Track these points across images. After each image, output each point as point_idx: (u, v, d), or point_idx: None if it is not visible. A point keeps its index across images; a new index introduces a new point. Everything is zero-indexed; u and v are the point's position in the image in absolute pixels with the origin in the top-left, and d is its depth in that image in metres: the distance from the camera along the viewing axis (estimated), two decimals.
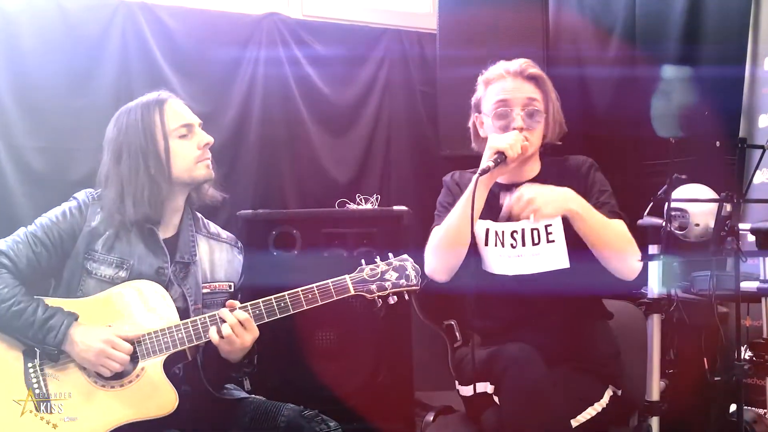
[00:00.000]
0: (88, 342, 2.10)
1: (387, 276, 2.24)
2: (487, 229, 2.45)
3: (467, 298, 2.53)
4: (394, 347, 3.38)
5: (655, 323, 2.90)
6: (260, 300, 2.19)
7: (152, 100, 2.32)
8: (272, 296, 2.19)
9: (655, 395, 2.85)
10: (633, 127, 4.19)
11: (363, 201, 3.74)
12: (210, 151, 2.37)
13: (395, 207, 3.51)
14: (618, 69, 4.37)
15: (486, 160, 2.28)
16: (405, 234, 3.34)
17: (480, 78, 2.51)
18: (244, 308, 2.18)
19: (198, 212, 2.48)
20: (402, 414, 3.39)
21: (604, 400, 2.31)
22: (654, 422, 2.86)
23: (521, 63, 2.45)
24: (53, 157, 3.78)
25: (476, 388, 2.29)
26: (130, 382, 2.15)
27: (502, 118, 2.39)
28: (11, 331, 2.12)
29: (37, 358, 2.12)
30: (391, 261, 2.26)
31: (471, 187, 2.24)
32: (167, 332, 2.16)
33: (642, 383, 2.78)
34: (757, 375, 2.84)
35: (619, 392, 2.39)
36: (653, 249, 2.97)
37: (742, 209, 3.14)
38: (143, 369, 2.15)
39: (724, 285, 3.01)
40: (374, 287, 2.22)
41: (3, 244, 2.21)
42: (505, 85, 2.41)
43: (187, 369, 2.27)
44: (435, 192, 2.63)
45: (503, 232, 2.43)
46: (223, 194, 2.48)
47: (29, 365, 2.13)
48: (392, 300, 2.24)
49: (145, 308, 2.19)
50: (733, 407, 2.92)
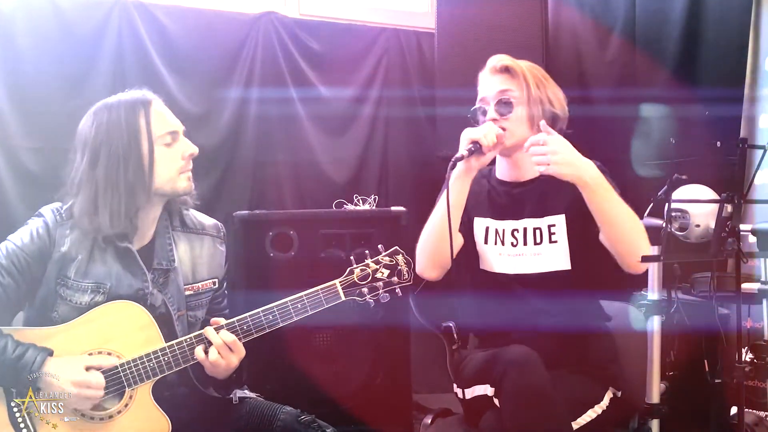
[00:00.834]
0: (64, 376, 2.00)
1: (378, 275, 2.15)
2: (487, 227, 2.43)
3: (465, 297, 2.51)
4: (392, 349, 3.37)
5: (656, 325, 2.90)
6: (247, 314, 2.10)
7: (136, 100, 2.15)
8: (260, 309, 2.11)
9: (655, 397, 2.87)
10: (633, 127, 4.20)
11: (361, 201, 3.74)
12: (193, 161, 2.25)
13: (393, 207, 3.51)
14: (618, 68, 4.38)
15: (461, 150, 2.27)
16: (403, 235, 3.32)
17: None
18: (231, 326, 2.09)
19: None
20: (400, 417, 3.38)
21: (604, 403, 2.29)
22: (654, 425, 2.87)
23: (496, 58, 2.45)
24: (48, 158, 3.75)
25: (475, 391, 2.27)
26: (119, 413, 2.07)
27: (481, 115, 2.41)
28: None
29: (17, 396, 2.02)
30: (381, 258, 2.17)
31: (450, 182, 2.23)
32: (153, 357, 2.06)
33: (642, 385, 2.76)
34: (758, 377, 2.86)
35: (620, 394, 2.37)
36: (653, 250, 2.96)
37: (743, 210, 3.13)
38: (131, 398, 2.07)
39: (725, 286, 3.03)
40: (366, 290, 2.15)
41: None
42: (483, 85, 2.43)
43: (182, 371, 2.18)
44: (433, 192, 2.61)
45: (503, 231, 2.41)
46: (196, 202, 2.36)
47: (12, 404, 2.03)
48: (385, 298, 2.18)
49: (127, 331, 2.09)
50: (734, 410, 2.93)
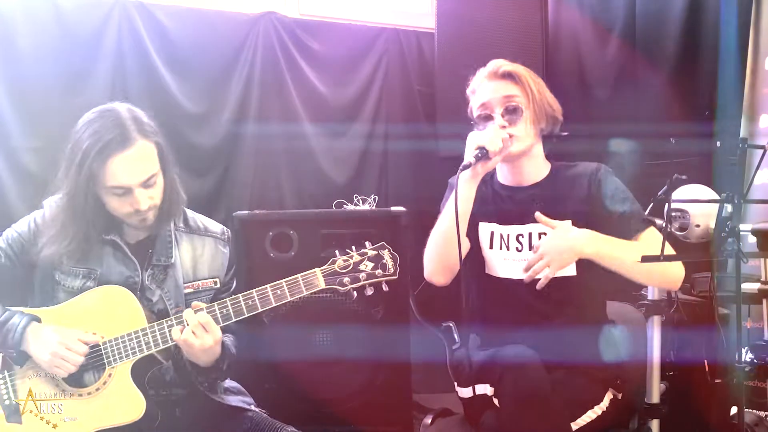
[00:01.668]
0: (43, 341, 2.08)
1: (361, 267, 2.15)
2: (492, 232, 2.43)
3: (469, 302, 2.50)
4: (392, 349, 3.34)
5: (656, 325, 2.88)
6: (228, 299, 2.14)
7: (105, 144, 2.09)
8: (240, 294, 2.14)
9: (656, 398, 2.83)
10: (633, 127, 4.21)
11: (360, 201, 3.73)
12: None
13: (393, 208, 3.49)
14: (618, 68, 4.39)
15: (467, 156, 2.27)
16: (403, 235, 3.31)
17: (467, 90, 2.50)
18: (211, 308, 2.13)
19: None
20: (400, 417, 3.36)
21: (604, 404, 2.29)
22: (654, 425, 2.84)
23: (495, 63, 2.44)
24: (48, 158, 3.69)
25: (475, 390, 2.27)
26: (98, 390, 2.13)
27: (485, 121, 2.39)
28: None
29: (5, 369, 2.11)
30: (365, 251, 2.18)
31: (456, 188, 2.23)
32: (133, 336, 2.12)
33: (642, 386, 2.76)
34: (758, 377, 2.85)
35: (620, 396, 2.37)
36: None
37: (743, 210, 3.13)
38: (110, 375, 2.12)
39: (725, 286, 3.03)
40: (347, 279, 2.14)
41: None
42: (484, 89, 2.41)
43: (179, 372, 2.24)
44: (433, 193, 2.61)
45: (508, 236, 2.41)
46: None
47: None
48: (369, 291, 2.17)
49: (113, 313, 2.14)
50: (734, 410, 2.93)
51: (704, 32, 4.07)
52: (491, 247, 2.42)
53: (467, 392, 2.34)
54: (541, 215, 2.25)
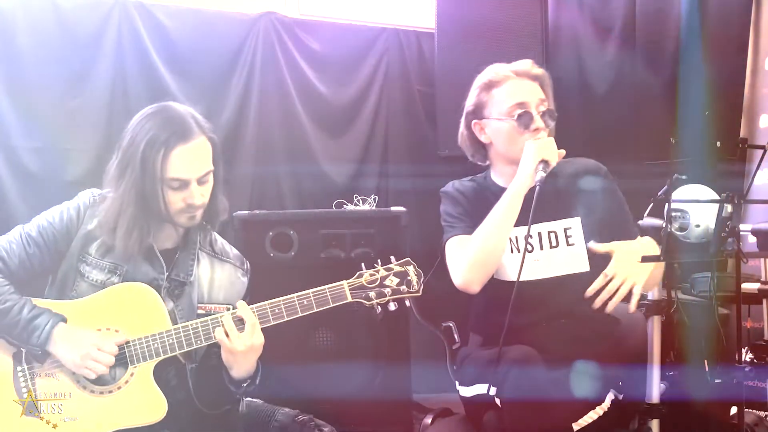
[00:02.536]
0: (73, 343, 2.07)
1: (387, 282, 2.16)
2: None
3: (477, 307, 2.51)
4: (392, 349, 3.35)
5: (656, 325, 2.88)
6: (254, 306, 2.14)
7: (164, 139, 2.10)
8: (266, 302, 2.14)
9: (656, 397, 2.82)
10: (633, 127, 4.21)
11: (361, 202, 3.73)
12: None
13: (393, 208, 3.50)
14: (617, 68, 4.38)
15: (538, 170, 2.25)
16: (403, 235, 3.32)
17: (478, 82, 2.46)
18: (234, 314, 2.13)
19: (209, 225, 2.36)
20: (400, 416, 3.37)
21: (606, 404, 2.30)
22: (654, 425, 2.84)
23: (526, 62, 2.42)
24: (48, 157, 3.79)
25: (476, 390, 2.29)
26: (119, 389, 2.12)
27: (523, 120, 2.34)
28: None
29: (24, 362, 2.10)
30: (392, 266, 2.19)
31: (510, 197, 2.27)
32: (158, 338, 2.12)
33: (643, 386, 2.75)
34: (758, 377, 2.85)
35: (621, 396, 2.38)
36: None
37: (743, 210, 3.14)
38: (132, 375, 2.12)
39: (725, 286, 3.03)
40: (373, 294, 2.15)
41: None
42: (518, 87, 2.37)
43: (182, 376, 2.22)
44: (433, 193, 2.60)
45: (516, 238, 2.38)
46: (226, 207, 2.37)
47: (18, 369, 2.10)
48: (392, 307, 2.18)
49: (137, 312, 2.14)
50: (734, 410, 2.93)
51: (704, 32, 4.07)
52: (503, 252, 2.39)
53: (469, 392, 2.36)
54: (595, 245, 2.26)
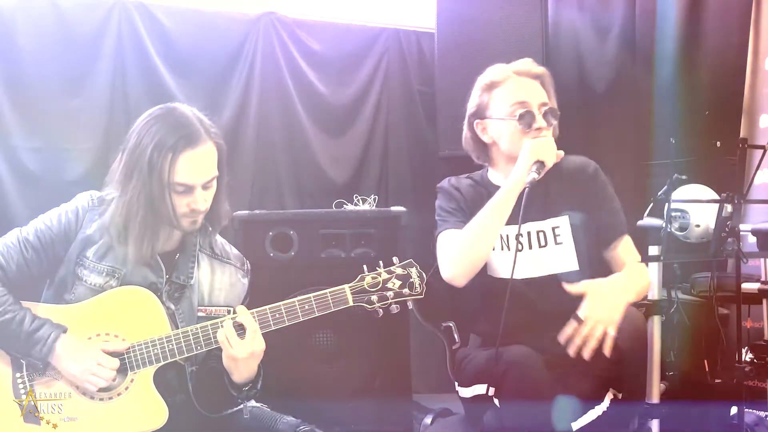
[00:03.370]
0: (75, 356, 2.05)
1: (389, 285, 2.13)
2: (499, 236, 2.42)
3: (472, 304, 2.50)
4: (392, 349, 3.37)
5: (656, 325, 2.90)
6: (254, 311, 2.11)
7: (172, 144, 2.07)
8: (267, 307, 2.12)
9: (656, 397, 2.86)
10: (633, 127, 4.21)
11: (360, 201, 3.74)
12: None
13: (393, 207, 3.51)
14: (617, 68, 4.39)
15: (530, 171, 2.26)
16: (403, 235, 3.33)
17: (479, 83, 2.47)
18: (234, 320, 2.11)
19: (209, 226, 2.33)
20: (400, 416, 3.38)
21: (605, 404, 2.28)
22: (654, 425, 2.86)
23: (526, 62, 2.43)
24: (48, 157, 3.79)
25: (476, 390, 2.29)
26: (119, 395, 2.09)
27: (524, 119, 2.36)
28: None
29: (24, 370, 2.08)
30: (393, 269, 2.15)
31: (503, 195, 2.28)
32: (158, 343, 2.10)
33: (642, 385, 2.76)
34: (759, 377, 2.83)
35: (620, 396, 2.35)
36: (653, 250, 2.96)
37: (743, 210, 3.14)
38: (132, 381, 2.10)
39: (725, 286, 3.03)
40: (375, 298, 2.12)
41: None
42: (518, 86, 2.38)
43: (182, 379, 2.20)
44: (433, 193, 2.61)
45: (508, 236, 2.40)
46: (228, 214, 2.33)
47: (17, 375, 2.08)
48: (395, 309, 2.15)
49: (137, 316, 2.11)
50: (734, 410, 2.93)
51: (704, 32, 4.08)
52: (493, 249, 2.41)
53: (468, 392, 2.36)
54: (568, 286, 2.23)
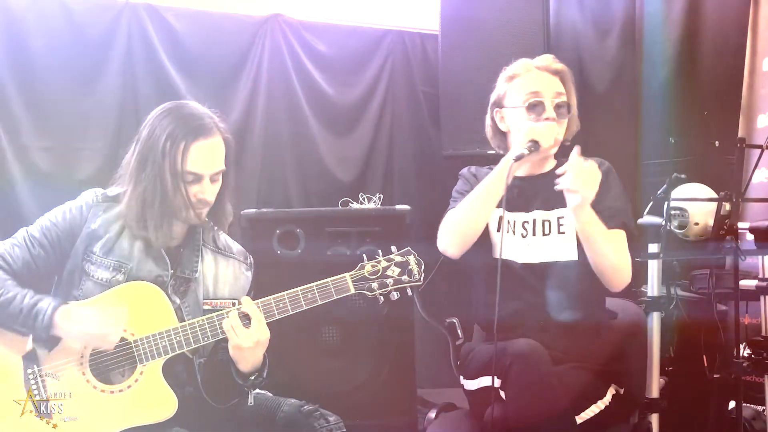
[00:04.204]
0: (79, 320, 2.07)
1: (389, 272, 2.18)
2: (500, 217, 2.45)
3: (479, 288, 2.53)
4: (397, 345, 3.38)
5: (655, 321, 2.91)
6: (259, 301, 2.15)
7: (184, 133, 2.14)
8: (270, 297, 2.14)
9: (655, 392, 2.88)
10: (633, 127, 4.24)
11: (366, 200, 3.74)
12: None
13: (398, 206, 3.52)
14: (618, 68, 4.41)
15: (520, 147, 2.31)
16: (407, 232, 3.35)
17: (502, 75, 2.54)
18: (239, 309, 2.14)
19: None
20: (404, 410, 3.40)
21: (607, 398, 2.32)
22: (654, 419, 2.88)
23: (547, 57, 2.51)
24: (59, 157, 3.83)
25: (481, 383, 2.31)
26: (129, 387, 2.11)
27: (535, 108, 2.42)
28: (2, 321, 2.10)
29: (34, 364, 2.10)
30: (393, 257, 2.20)
31: (497, 171, 2.32)
32: (165, 335, 2.10)
33: (643, 381, 2.79)
34: (756, 372, 2.84)
35: (622, 391, 2.40)
36: (653, 247, 2.98)
37: (741, 208, 3.16)
38: (142, 373, 2.12)
39: (723, 283, 3.06)
40: (375, 285, 2.17)
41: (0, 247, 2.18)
42: (534, 78, 2.46)
43: (190, 371, 2.22)
44: (437, 191, 2.64)
45: (514, 222, 2.47)
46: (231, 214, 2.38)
47: (29, 371, 2.10)
48: (395, 296, 2.20)
49: (144, 310, 2.14)
50: (732, 404, 2.97)
51: (703, 33, 4.09)
52: (498, 230, 2.45)
53: (473, 384, 2.38)
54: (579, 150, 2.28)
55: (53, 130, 3.82)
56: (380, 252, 2.21)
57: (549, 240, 2.43)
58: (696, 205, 3.25)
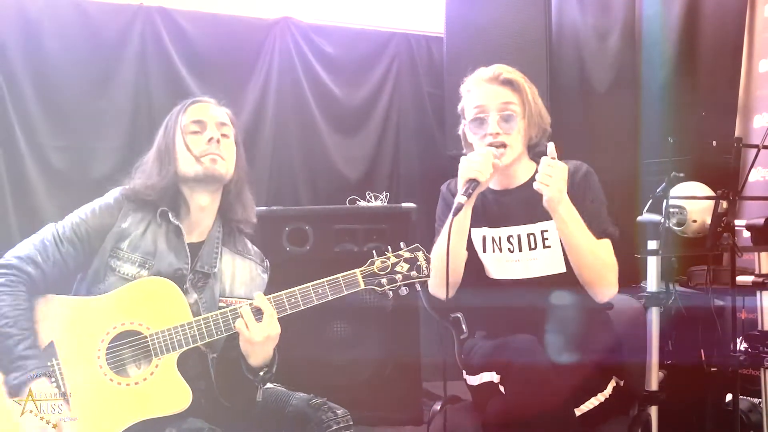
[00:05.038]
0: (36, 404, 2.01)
1: (398, 268, 2.18)
2: (484, 236, 2.45)
3: (471, 305, 2.52)
4: (403, 339, 3.44)
5: (654, 316, 2.97)
6: (271, 296, 2.13)
7: (187, 100, 2.33)
8: (282, 292, 2.14)
9: (654, 385, 2.92)
10: (632, 126, 4.30)
11: (373, 198, 3.80)
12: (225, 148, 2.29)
13: (404, 204, 3.58)
14: (617, 70, 4.44)
15: (459, 194, 2.24)
16: (413, 230, 3.41)
17: (462, 87, 2.51)
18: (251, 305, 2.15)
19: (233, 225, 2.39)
20: (410, 403, 3.46)
21: (608, 391, 2.32)
22: (653, 411, 2.93)
23: (495, 69, 2.44)
24: (75, 156, 3.88)
25: (482, 378, 2.33)
26: (145, 380, 2.11)
27: (478, 124, 2.40)
28: None
29: (56, 357, 2.09)
30: (401, 253, 2.20)
31: (447, 225, 2.23)
32: (180, 330, 2.11)
33: (642, 374, 2.83)
34: (753, 366, 2.90)
35: (622, 383, 2.40)
36: (653, 244, 3.04)
37: (738, 206, 3.17)
38: (157, 366, 2.11)
39: (721, 279, 3.10)
40: (384, 281, 2.17)
41: (29, 247, 2.16)
42: (480, 92, 2.41)
43: (204, 366, 2.24)
44: None
45: (500, 238, 2.43)
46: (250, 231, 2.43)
47: (47, 363, 2.08)
48: (404, 291, 2.20)
49: (159, 305, 2.15)
50: (729, 397, 3.01)
51: (701, 35, 4.13)
52: (485, 251, 2.44)
53: (475, 380, 2.39)
54: (554, 148, 2.27)
55: (69, 130, 3.87)
56: (389, 248, 2.21)
57: (536, 254, 2.39)
58: (694, 203, 3.27)
